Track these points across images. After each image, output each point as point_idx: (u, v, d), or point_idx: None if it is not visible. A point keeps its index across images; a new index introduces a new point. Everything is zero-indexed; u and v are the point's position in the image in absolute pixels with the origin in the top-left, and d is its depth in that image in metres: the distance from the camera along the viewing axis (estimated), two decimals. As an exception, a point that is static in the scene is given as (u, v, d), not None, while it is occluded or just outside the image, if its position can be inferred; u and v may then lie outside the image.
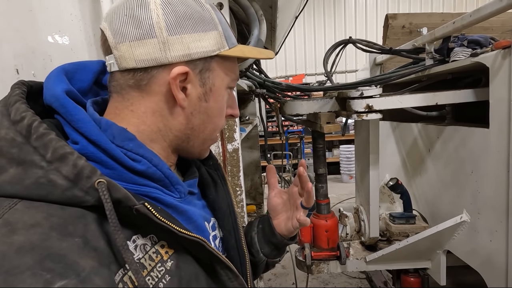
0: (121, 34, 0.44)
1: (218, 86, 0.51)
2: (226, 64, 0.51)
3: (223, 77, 0.51)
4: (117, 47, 0.44)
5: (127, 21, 0.44)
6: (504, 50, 1.03)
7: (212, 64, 0.49)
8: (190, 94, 0.48)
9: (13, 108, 0.39)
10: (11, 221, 0.34)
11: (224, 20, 0.51)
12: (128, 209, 0.38)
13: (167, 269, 0.43)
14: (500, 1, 1.02)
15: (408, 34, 2.09)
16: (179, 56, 0.45)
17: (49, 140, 0.37)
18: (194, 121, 0.51)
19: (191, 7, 0.46)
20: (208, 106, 0.51)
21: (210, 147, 0.59)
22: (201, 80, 0.49)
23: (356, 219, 1.70)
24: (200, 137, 0.53)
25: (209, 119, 0.52)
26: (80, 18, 0.64)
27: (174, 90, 0.46)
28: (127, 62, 0.44)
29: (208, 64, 0.49)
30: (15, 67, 0.49)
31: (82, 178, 0.37)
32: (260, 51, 0.59)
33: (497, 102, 1.07)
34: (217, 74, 0.50)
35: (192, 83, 0.48)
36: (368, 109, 1.28)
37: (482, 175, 1.19)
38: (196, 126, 0.51)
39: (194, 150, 0.55)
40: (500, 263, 1.10)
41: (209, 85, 0.50)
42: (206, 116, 0.51)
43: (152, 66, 0.45)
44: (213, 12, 0.49)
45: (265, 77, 1.67)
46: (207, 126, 0.52)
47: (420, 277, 1.59)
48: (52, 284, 0.31)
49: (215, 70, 0.50)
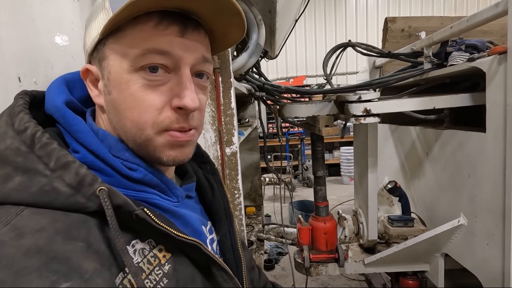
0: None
1: (115, 72, 0.43)
2: (122, 42, 0.42)
3: (120, 60, 0.43)
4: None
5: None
6: (500, 56, 1.04)
7: (106, 50, 0.44)
8: (100, 89, 0.46)
9: (17, 118, 0.41)
10: (19, 226, 0.35)
11: None
12: (128, 215, 0.40)
13: (165, 272, 0.45)
14: (496, 7, 1.03)
15: (407, 37, 2.09)
16: (86, 57, 0.48)
17: (52, 149, 0.39)
18: (112, 119, 0.46)
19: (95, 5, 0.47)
20: (112, 98, 0.45)
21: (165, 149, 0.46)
22: (102, 71, 0.45)
23: (355, 222, 1.70)
24: (129, 138, 0.45)
25: (120, 114, 0.44)
26: (80, 26, 0.65)
27: (88, 88, 0.48)
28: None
29: (101, 52, 0.44)
30: (18, 75, 0.51)
31: (84, 185, 0.38)
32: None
33: (493, 107, 1.08)
34: (113, 59, 0.43)
35: (99, 77, 0.46)
36: (366, 113, 1.29)
37: (479, 179, 1.19)
38: (116, 124, 0.46)
39: (145, 156, 0.47)
40: (497, 266, 1.11)
41: (106, 75, 0.44)
42: (116, 111, 0.45)
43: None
44: None
45: (264, 80, 1.68)
46: (124, 123, 0.45)
47: (418, 279, 1.59)
48: (57, 284, 0.33)
49: (111, 55, 0.43)
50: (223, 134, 1.02)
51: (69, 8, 0.64)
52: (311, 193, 1.76)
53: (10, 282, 0.31)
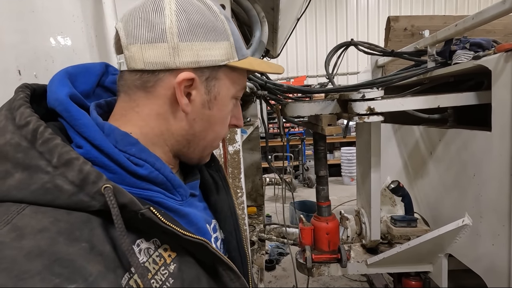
0: (133, 35, 0.45)
1: (223, 95, 0.51)
2: (233, 75, 0.52)
3: (229, 87, 0.52)
4: (128, 48, 0.45)
5: (141, 23, 0.45)
6: (507, 53, 1.02)
7: (220, 73, 0.50)
8: (194, 100, 0.49)
9: (17, 112, 0.40)
10: (20, 226, 0.34)
11: (237, 31, 0.52)
12: (133, 214, 0.39)
13: (170, 272, 0.44)
14: (503, 3, 1.01)
15: (410, 36, 2.09)
16: (187, 63, 0.46)
17: (55, 145, 0.38)
18: (196, 127, 0.51)
19: (205, 17, 0.47)
20: (211, 114, 0.51)
21: (210, 154, 0.60)
22: (207, 87, 0.49)
23: (357, 222, 1.69)
24: (200, 144, 0.53)
25: (210, 127, 0.52)
26: (82, 19, 0.64)
27: (178, 94, 0.46)
28: (135, 63, 0.45)
29: (215, 73, 0.49)
30: (17, 68, 0.49)
31: (88, 183, 0.37)
32: (270, 65, 0.59)
33: (499, 105, 1.07)
34: (224, 84, 0.51)
35: (197, 89, 0.48)
36: (369, 111, 1.28)
37: (484, 178, 1.18)
38: (198, 133, 0.52)
39: (194, 156, 0.55)
40: (502, 267, 1.10)
41: (214, 93, 0.50)
42: (208, 124, 0.52)
43: (160, 70, 0.46)
44: (226, 23, 0.49)
45: (266, 79, 1.67)
46: (208, 134, 0.53)
47: (422, 280, 1.58)
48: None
49: (222, 79, 0.50)
50: (225, 132, 1.01)
51: (71, 1, 0.63)
52: (311, 194, 1.75)
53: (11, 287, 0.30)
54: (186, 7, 0.46)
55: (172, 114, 0.48)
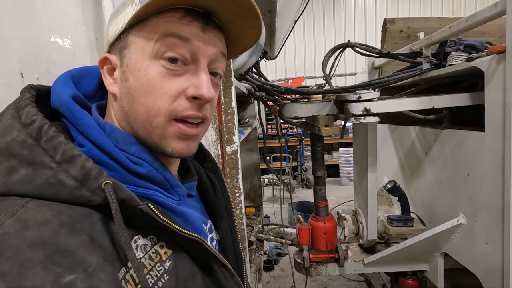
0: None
1: (135, 59, 0.45)
2: (146, 29, 0.44)
3: (142, 46, 0.44)
4: None
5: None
6: (499, 55, 1.04)
7: (129, 38, 0.46)
8: (116, 78, 0.48)
9: (24, 111, 0.41)
10: (24, 218, 0.35)
11: None
12: (132, 209, 0.40)
13: (166, 269, 0.45)
14: (495, 7, 1.03)
15: (406, 38, 2.11)
16: (106, 46, 0.49)
17: (59, 142, 0.39)
18: (124, 105, 0.47)
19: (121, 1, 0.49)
20: (128, 85, 0.46)
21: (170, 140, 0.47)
22: (121, 59, 0.47)
23: (355, 222, 1.71)
24: (137, 125, 0.46)
25: (134, 100, 0.45)
26: (82, 23, 0.65)
27: (103, 77, 0.49)
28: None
29: (125, 41, 0.46)
30: (20, 71, 0.51)
31: (89, 179, 0.38)
32: None
33: (492, 106, 1.09)
34: (135, 46, 0.45)
35: (117, 66, 0.48)
36: (365, 112, 1.30)
37: (478, 178, 1.20)
38: (128, 111, 0.46)
39: (150, 144, 0.47)
40: (496, 265, 1.11)
41: (126, 62, 0.46)
42: (131, 97, 0.46)
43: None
44: None
45: (264, 80, 1.68)
46: (136, 110, 0.45)
47: (418, 279, 1.59)
48: (61, 277, 0.33)
49: (133, 42, 0.45)
50: (223, 133, 1.02)
51: (72, 5, 0.64)
52: (310, 194, 1.77)
53: (15, 274, 0.31)
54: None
55: (110, 99, 0.50)
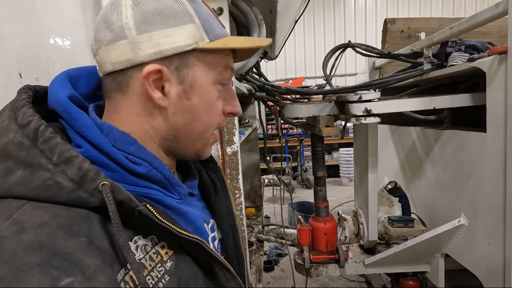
0: (98, 40, 0.45)
1: (200, 82, 0.48)
2: (209, 58, 0.48)
3: (206, 72, 0.48)
4: (97, 53, 0.46)
5: (102, 26, 0.45)
6: (501, 56, 1.04)
7: (190, 59, 0.47)
8: (168, 93, 0.47)
9: (20, 112, 0.41)
10: (20, 221, 0.35)
11: (207, 11, 0.48)
12: (131, 211, 0.40)
13: (167, 270, 0.44)
14: (496, 7, 1.03)
15: (407, 38, 2.10)
16: (151, 55, 0.44)
17: (55, 143, 0.39)
18: (178, 121, 0.48)
19: (161, 3, 0.44)
20: (191, 104, 0.48)
21: (208, 147, 0.55)
22: (179, 77, 0.47)
23: (355, 222, 1.70)
24: (189, 138, 0.51)
25: (195, 118, 0.49)
26: (82, 23, 0.65)
27: (148, 89, 0.45)
28: (106, 66, 0.46)
29: (185, 59, 0.46)
30: (19, 71, 0.50)
31: (87, 180, 0.38)
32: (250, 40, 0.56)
33: (493, 107, 1.08)
34: (198, 69, 0.47)
35: (169, 81, 0.46)
36: (366, 113, 1.29)
37: (479, 178, 1.19)
38: (182, 126, 0.49)
39: (187, 151, 0.53)
40: (498, 266, 1.11)
41: (188, 82, 0.47)
42: (191, 115, 0.49)
43: (127, 68, 0.45)
44: (188, 5, 0.46)
45: (264, 81, 1.68)
46: (194, 126, 0.50)
47: (419, 280, 1.59)
48: (59, 280, 0.32)
49: (195, 65, 0.47)
50: (224, 133, 1.02)
51: (71, 5, 0.64)
52: (310, 195, 1.76)
53: (11, 278, 0.31)
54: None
55: (150, 110, 0.47)
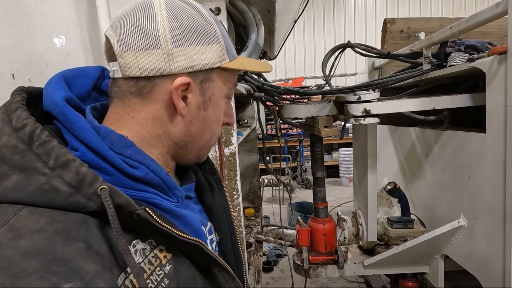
0: (127, 43, 0.45)
1: (217, 95, 0.53)
2: (225, 75, 0.53)
3: (222, 87, 0.53)
4: (122, 55, 0.46)
5: (134, 30, 0.45)
6: (500, 56, 1.03)
7: (213, 75, 0.51)
8: (190, 103, 0.50)
9: (14, 115, 0.40)
10: (17, 227, 0.34)
11: (226, 33, 0.53)
12: (129, 215, 0.39)
13: (166, 273, 0.44)
14: (496, 7, 1.02)
15: (406, 38, 2.09)
16: (182, 67, 0.47)
17: (52, 147, 0.38)
18: (192, 129, 0.52)
19: (196, 21, 0.48)
20: (206, 114, 0.53)
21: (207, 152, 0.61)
22: (201, 90, 0.51)
23: (354, 223, 1.69)
24: (197, 144, 0.54)
25: (207, 127, 0.54)
26: (76, 23, 0.64)
27: (175, 99, 0.47)
28: (131, 71, 0.46)
29: (209, 75, 0.50)
30: (11, 72, 0.50)
31: (84, 184, 0.38)
32: (259, 63, 0.61)
33: (493, 107, 1.08)
34: (217, 85, 0.52)
35: (193, 92, 0.49)
36: (365, 113, 1.28)
37: (479, 179, 1.19)
38: (194, 134, 0.53)
39: (191, 156, 0.56)
40: (497, 268, 1.10)
41: (208, 95, 0.52)
42: (204, 124, 0.53)
43: (156, 76, 0.46)
44: (216, 26, 0.50)
45: (263, 81, 1.67)
46: (205, 134, 0.54)
47: (418, 281, 1.58)
48: (58, 286, 0.32)
49: (215, 80, 0.52)
50: (221, 134, 1.01)
51: (65, 5, 0.63)
52: (309, 195, 1.76)
53: (8, 286, 0.30)
54: (177, 13, 0.46)
55: (169, 117, 0.49)
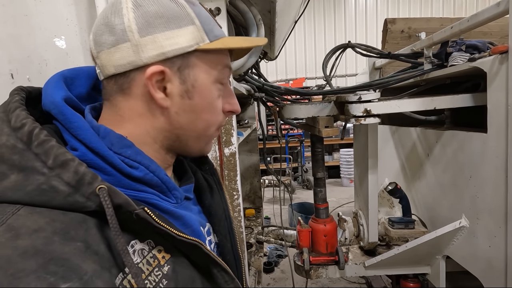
0: (100, 43, 0.45)
1: (202, 81, 0.49)
2: (210, 58, 0.49)
3: (208, 72, 0.49)
4: (98, 56, 0.46)
5: (104, 29, 0.45)
6: (502, 55, 1.03)
7: (192, 59, 0.48)
8: (171, 93, 0.47)
9: (13, 114, 0.40)
10: (15, 226, 0.34)
11: (205, 13, 0.49)
12: (128, 214, 0.39)
13: (164, 274, 0.44)
14: (497, 6, 1.02)
15: (407, 38, 2.09)
16: (154, 56, 0.45)
17: (50, 147, 0.38)
18: (181, 120, 0.49)
19: (163, 6, 0.45)
20: (193, 103, 0.49)
21: (210, 143, 0.57)
22: (181, 77, 0.48)
23: (355, 224, 1.69)
24: (192, 136, 0.52)
25: (197, 117, 0.50)
26: (76, 22, 0.64)
27: (151, 90, 0.46)
28: (108, 69, 0.46)
29: (186, 60, 0.47)
30: (10, 72, 0.50)
31: (83, 184, 0.37)
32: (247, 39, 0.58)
33: (494, 107, 1.07)
34: (200, 69, 0.49)
35: (171, 81, 0.47)
36: (366, 113, 1.28)
37: (480, 180, 1.18)
38: (185, 125, 0.50)
39: (191, 149, 0.54)
40: (499, 268, 1.10)
41: (190, 82, 0.48)
42: (194, 114, 0.50)
43: (130, 70, 0.45)
44: (187, 7, 0.47)
45: (264, 81, 1.67)
46: (196, 124, 0.51)
47: (420, 282, 1.58)
48: (56, 286, 0.32)
49: (197, 65, 0.48)
50: (221, 135, 1.01)
51: (64, 5, 0.63)
52: (310, 195, 1.75)
53: (6, 285, 0.30)
54: (142, 1, 0.45)
55: (152, 111, 0.48)
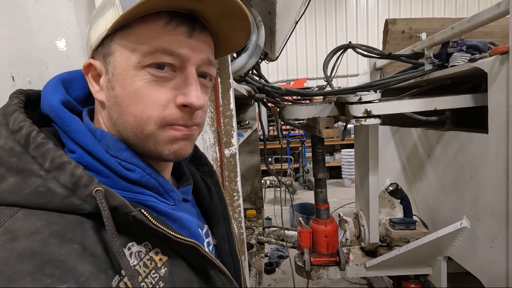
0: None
1: (120, 67, 0.43)
2: (131, 38, 0.43)
3: (128, 55, 0.43)
4: None
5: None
6: (502, 56, 1.02)
7: (112, 46, 0.44)
8: (102, 85, 0.46)
9: (11, 117, 0.40)
10: (12, 229, 0.34)
11: None
12: (125, 216, 0.39)
13: (161, 276, 0.44)
14: (498, 6, 1.02)
15: (408, 39, 2.09)
16: (90, 52, 0.47)
17: (47, 149, 0.38)
18: (113, 115, 0.45)
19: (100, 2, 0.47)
20: (115, 94, 0.44)
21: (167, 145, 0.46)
22: (106, 67, 0.45)
23: (356, 225, 1.69)
24: (130, 135, 0.45)
25: (122, 110, 0.44)
26: (76, 25, 0.64)
27: (88, 84, 0.47)
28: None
29: (107, 47, 0.44)
30: (11, 75, 0.50)
31: (80, 186, 0.38)
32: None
33: (495, 108, 1.07)
34: (119, 55, 0.43)
35: (103, 73, 0.46)
36: (366, 114, 1.28)
37: (481, 180, 1.18)
38: (117, 120, 0.45)
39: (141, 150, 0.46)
40: (500, 269, 1.09)
41: (111, 70, 0.44)
42: (119, 107, 0.44)
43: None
44: None
45: (264, 82, 1.67)
46: (126, 119, 0.44)
47: (421, 283, 1.57)
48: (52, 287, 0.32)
49: (118, 50, 0.44)
50: (222, 136, 1.01)
51: (65, 8, 0.63)
52: (312, 196, 1.75)
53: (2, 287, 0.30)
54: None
55: (99, 106, 0.48)
